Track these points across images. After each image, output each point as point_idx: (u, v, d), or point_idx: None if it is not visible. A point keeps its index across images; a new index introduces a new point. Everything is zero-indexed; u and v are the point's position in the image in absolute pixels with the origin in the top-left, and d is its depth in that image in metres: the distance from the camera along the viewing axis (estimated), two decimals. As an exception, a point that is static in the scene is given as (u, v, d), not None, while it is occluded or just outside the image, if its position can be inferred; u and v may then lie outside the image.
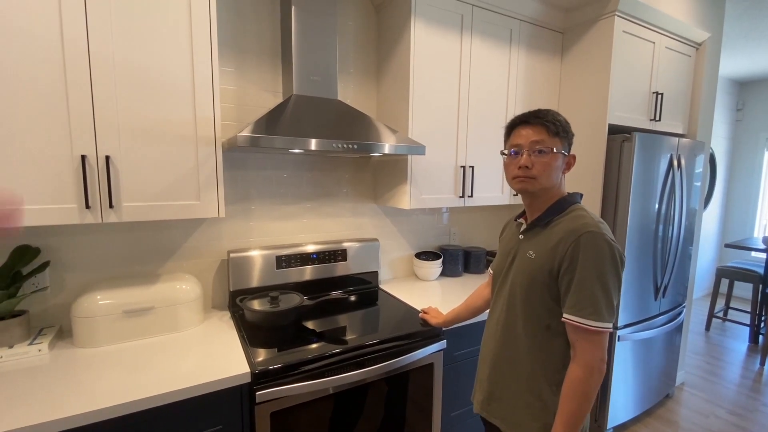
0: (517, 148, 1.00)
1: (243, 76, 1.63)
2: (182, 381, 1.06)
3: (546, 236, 0.98)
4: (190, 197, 1.28)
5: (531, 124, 0.98)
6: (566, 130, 0.99)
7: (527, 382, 1.00)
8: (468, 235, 2.39)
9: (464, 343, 1.59)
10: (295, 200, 1.80)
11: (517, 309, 1.01)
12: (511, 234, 1.12)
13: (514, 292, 1.02)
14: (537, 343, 0.98)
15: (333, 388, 1.25)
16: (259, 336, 1.36)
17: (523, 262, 1.01)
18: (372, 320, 1.52)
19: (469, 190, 1.89)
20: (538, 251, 0.97)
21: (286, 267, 1.69)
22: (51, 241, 1.35)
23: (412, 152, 1.52)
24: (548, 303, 0.96)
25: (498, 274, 1.12)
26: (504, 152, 1.06)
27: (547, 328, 0.97)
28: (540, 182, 0.97)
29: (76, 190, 1.12)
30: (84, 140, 1.11)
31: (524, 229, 1.05)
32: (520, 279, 1.00)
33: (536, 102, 2.09)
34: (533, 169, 0.96)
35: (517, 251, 1.05)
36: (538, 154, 0.96)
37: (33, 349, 1.20)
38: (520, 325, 1.01)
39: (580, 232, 0.90)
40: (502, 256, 1.12)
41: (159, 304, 1.35)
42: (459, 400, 1.62)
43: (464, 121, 1.84)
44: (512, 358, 1.03)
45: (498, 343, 1.07)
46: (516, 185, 1.01)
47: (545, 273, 0.94)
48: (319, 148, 1.33)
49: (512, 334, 1.03)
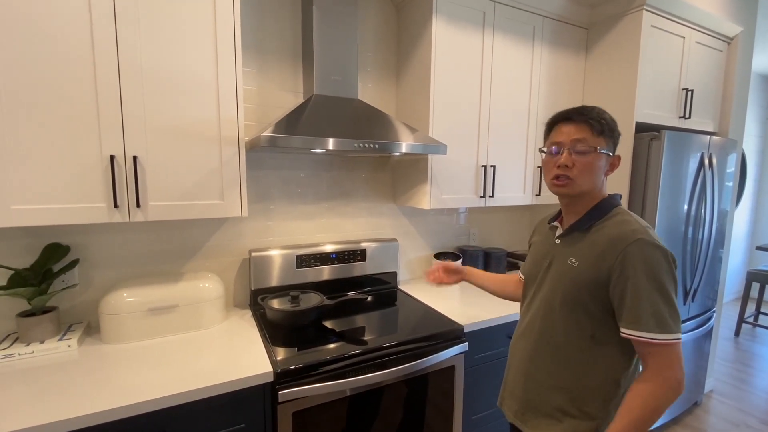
0: (557, 145, 0.94)
1: (264, 76, 1.64)
2: (207, 378, 1.07)
3: (589, 243, 0.91)
4: (214, 197, 1.29)
5: (574, 121, 0.92)
6: (612, 128, 0.92)
7: (568, 393, 0.94)
8: (488, 235, 2.36)
9: (486, 346, 1.57)
10: (314, 200, 1.80)
11: (557, 317, 0.95)
12: (545, 237, 1.06)
13: (553, 299, 0.96)
14: (579, 353, 0.92)
15: (354, 389, 1.24)
16: (280, 335, 1.36)
17: (563, 269, 0.94)
18: (392, 321, 1.51)
19: (490, 190, 1.85)
20: (582, 259, 0.91)
21: (305, 266, 1.69)
22: (80, 239, 1.38)
23: (434, 151, 1.50)
24: (594, 313, 0.90)
25: (531, 279, 1.06)
26: (543, 150, 0.99)
27: (591, 338, 0.91)
28: (578, 184, 0.91)
29: (104, 189, 1.14)
30: (113, 141, 1.13)
31: (561, 234, 0.99)
32: (561, 287, 0.94)
33: (560, 100, 2.04)
34: (573, 169, 0.91)
35: (554, 257, 0.99)
36: (579, 153, 0.90)
37: (63, 344, 1.23)
38: (559, 334, 0.95)
39: (629, 240, 0.84)
40: (535, 261, 1.06)
41: (183, 302, 1.36)
42: (480, 403, 1.60)
43: (486, 120, 1.81)
44: (550, 368, 0.96)
45: (533, 351, 1.00)
46: (554, 188, 0.95)
47: (591, 282, 0.88)
48: (341, 148, 1.32)
49: (550, 342, 0.97)
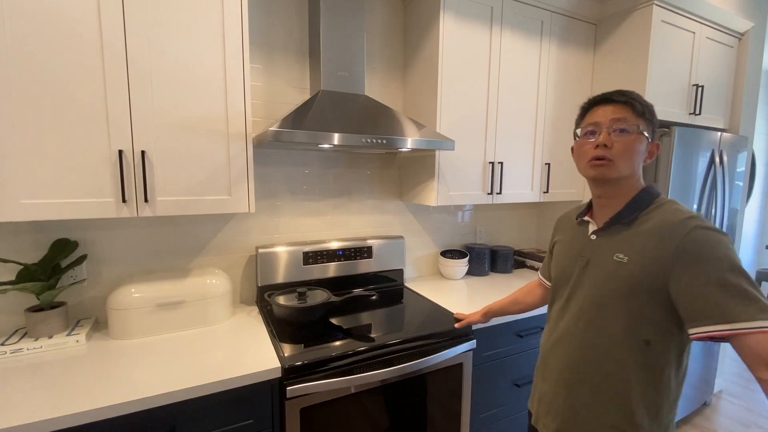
0: (594, 126, 0.87)
1: (271, 72, 1.63)
2: (215, 374, 1.06)
3: (636, 235, 0.84)
4: (222, 192, 1.29)
5: (614, 101, 0.86)
6: (652, 112, 0.87)
7: (618, 404, 0.85)
8: (495, 233, 2.34)
9: (494, 344, 1.55)
10: (321, 197, 1.80)
11: (605, 322, 0.86)
12: (575, 234, 0.99)
13: (599, 302, 0.87)
14: (633, 360, 0.83)
15: (362, 385, 1.24)
16: (288, 331, 1.35)
17: (608, 267, 0.86)
18: (399, 318, 1.50)
19: (498, 187, 1.84)
20: (632, 253, 0.83)
21: (312, 263, 1.69)
22: (88, 234, 1.38)
23: (442, 147, 1.49)
24: (652, 314, 0.81)
25: (563, 280, 0.98)
26: (577, 133, 0.93)
27: (646, 344, 0.82)
28: (618, 167, 0.84)
29: (113, 184, 1.14)
30: (121, 135, 1.13)
31: (598, 229, 0.91)
32: (609, 286, 0.85)
33: (568, 96, 2.02)
34: (612, 150, 0.84)
35: (591, 254, 0.91)
36: (619, 133, 0.84)
37: (71, 339, 1.23)
38: (606, 341, 0.86)
39: (689, 227, 0.76)
40: (566, 260, 0.98)
41: (190, 298, 1.36)
42: (488, 401, 1.58)
43: (493, 117, 1.80)
44: (597, 379, 0.87)
45: (577, 360, 0.91)
46: (591, 171, 0.87)
47: (647, 279, 0.80)
48: (349, 144, 1.31)
49: (596, 350, 0.87)
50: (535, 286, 1.30)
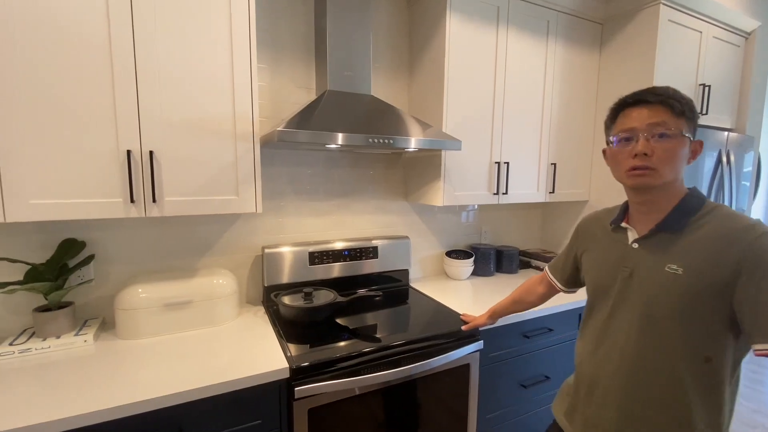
0: (628, 133, 0.81)
1: (276, 72, 1.63)
2: (222, 375, 1.06)
3: (691, 244, 0.78)
4: (229, 192, 1.29)
5: (649, 103, 0.79)
6: (692, 109, 0.80)
7: (679, 427, 0.79)
8: (499, 234, 2.34)
9: (500, 344, 1.55)
10: (326, 197, 1.79)
11: (661, 339, 0.79)
12: (611, 242, 0.93)
13: (652, 317, 0.80)
14: (692, 378, 0.77)
15: (370, 386, 1.23)
16: (294, 332, 1.35)
17: (661, 280, 0.79)
18: (406, 319, 1.49)
19: (504, 187, 1.83)
20: (688, 263, 0.77)
21: (318, 263, 1.69)
22: (95, 234, 1.38)
23: (449, 147, 1.49)
24: (712, 328, 0.75)
25: (602, 292, 0.92)
26: (610, 140, 0.86)
27: (706, 361, 0.76)
28: (662, 174, 0.78)
29: (121, 184, 1.14)
30: (129, 135, 1.13)
31: (641, 237, 0.85)
32: (661, 301, 0.79)
33: (574, 96, 2.02)
34: (653, 158, 0.78)
35: (636, 265, 0.85)
36: (659, 138, 0.77)
37: (79, 339, 1.23)
38: (663, 359, 0.79)
39: (756, 234, 0.71)
40: (604, 271, 0.92)
41: (197, 298, 1.36)
42: (495, 402, 1.58)
43: (499, 117, 1.79)
44: (654, 401, 0.81)
45: (629, 379, 0.84)
46: (632, 180, 0.81)
47: (708, 290, 0.74)
48: (356, 144, 1.31)
49: (652, 370, 0.81)
50: (535, 283, 1.27)
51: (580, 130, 2.08)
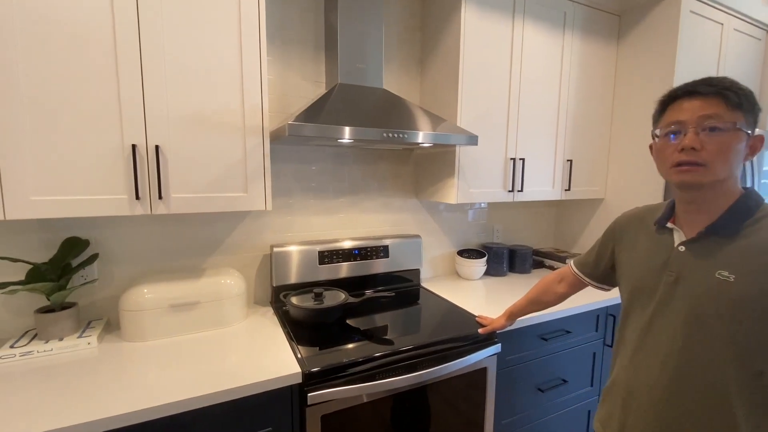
0: (677, 126, 0.75)
1: (285, 65, 1.58)
2: (232, 379, 1.01)
3: (745, 249, 0.72)
4: (238, 189, 1.24)
5: (701, 94, 0.73)
6: (751, 100, 0.73)
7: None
8: (512, 232, 2.28)
9: (517, 347, 1.49)
10: (335, 194, 1.74)
11: (708, 351, 0.74)
12: (655, 243, 0.87)
13: (698, 326, 0.75)
14: (745, 395, 0.72)
15: (385, 391, 1.18)
16: (305, 334, 1.30)
17: (707, 286, 0.74)
18: (420, 320, 1.44)
19: (519, 185, 1.78)
20: (741, 271, 0.71)
21: (328, 263, 1.64)
22: (99, 233, 1.34)
23: (465, 142, 1.43)
24: (766, 339, 0.71)
25: (643, 294, 0.86)
26: (656, 134, 0.81)
27: (758, 375, 0.71)
28: (713, 171, 0.72)
29: (126, 180, 1.09)
30: (134, 129, 1.08)
31: (688, 240, 0.79)
32: (709, 310, 0.74)
33: (591, 91, 1.95)
34: (703, 153, 0.72)
35: (681, 269, 0.79)
36: (710, 132, 0.71)
37: (82, 341, 1.19)
38: (710, 372, 0.74)
39: None
40: (646, 272, 0.86)
41: (204, 299, 1.31)
42: (511, 407, 1.52)
43: (515, 111, 1.73)
44: (697, 413, 0.75)
45: (669, 390, 0.78)
46: (677, 176, 0.75)
47: (764, 301, 0.69)
48: (369, 138, 1.25)
49: (697, 382, 0.75)
50: (553, 282, 1.22)
51: (597, 126, 2.01)
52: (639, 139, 1.92)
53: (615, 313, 1.76)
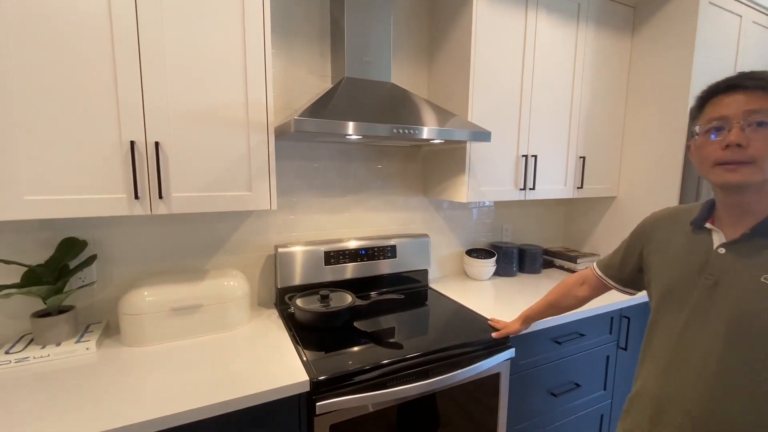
0: (720, 122, 0.70)
1: (289, 59, 1.52)
2: (237, 387, 0.96)
3: None
4: (242, 188, 1.19)
5: (745, 88, 0.68)
6: None
7: None
8: (521, 231, 2.22)
9: (530, 351, 1.44)
10: (341, 193, 1.69)
11: (756, 360, 0.69)
12: (691, 244, 0.81)
13: (741, 336, 0.71)
14: None
15: (397, 399, 1.13)
16: (312, 338, 1.25)
17: (753, 291, 0.70)
18: (431, 324, 1.39)
19: (531, 182, 1.72)
20: None
21: (333, 263, 1.58)
22: (97, 233, 1.28)
23: (479, 138, 1.37)
24: None
25: (676, 299, 0.81)
26: (695, 131, 0.76)
27: None
28: (762, 169, 0.67)
29: (124, 179, 1.04)
30: (133, 125, 1.03)
31: (729, 241, 0.75)
32: (757, 316, 0.69)
33: (604, 85, 1.89)
34: (750, 149, 0.67)
35: (721, 273, 0.74)
36: (757, 127, 0.67)
37: (81, 347, 1.14)
38: (756, 384, 0.69)
39: None
40: (680, 275, 0.81)
41: (207, 302, 1.26)
42: (523, 412, 1.48)
43: (527, 106, 1.67)
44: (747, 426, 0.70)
45: (707, 404, 0.73)
46: (721, 176, 0.71)
47: None
48: (381, 134, 1.20)
49: (740, 393, 0.70)
50: (574, 285, 1.16)
51: (610, 122, 1.95)
52: (653, 136, 1.86)
53: (629, 315, 1.71)
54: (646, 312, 1.79)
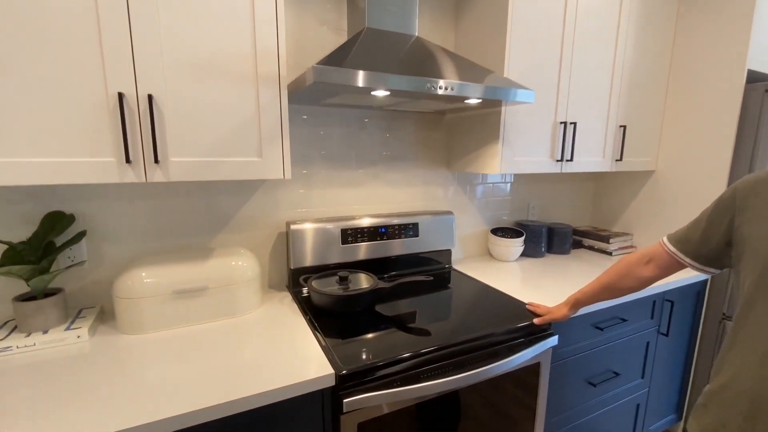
0: None
1: (301, 9, 1.33)
2: (249, 382, 0.82)
3: None
4: (251, 153, 1.02)
5: None
6: None
7: None
8: (548, 209, 2.06)
9: (570, 338, 1.31)
10: (357, 165, 1.52)
11: None
12: None
13: None
14: None
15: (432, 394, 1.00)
16: (332, 324, 1.11)
17: None
18: (461, 309, 1.25)
19: (568, 153, 1.55)
20: None
21: (352, 242, 1.43)
22: (86, 207, 1.13)
23: (521, 98, 1.19)
24: None
25: None
26: None
27: None
28: None
29: (113, 139, 0.87)
30: (121, 74, 0.86)
31: None
32: None
33: (648, 41, 1.69)
34: None
35: None
36: None
37: (71, 335, 1.00)
38: None
39: None
40: None
41: (213, 284, 1.12)
42: (561, 402, 1.35)
43: (567, 65, 1.48)
44: None
45: None
46: None
47: None
48: (412, 89, 1.03)
49: None
50: (636, 264, 1.00)
51: (653, 88, 1.76)
52: (701, 106, 1.67)
53: (673, 298, 1.57)
54: (690, 295, 1.64)
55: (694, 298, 1.67)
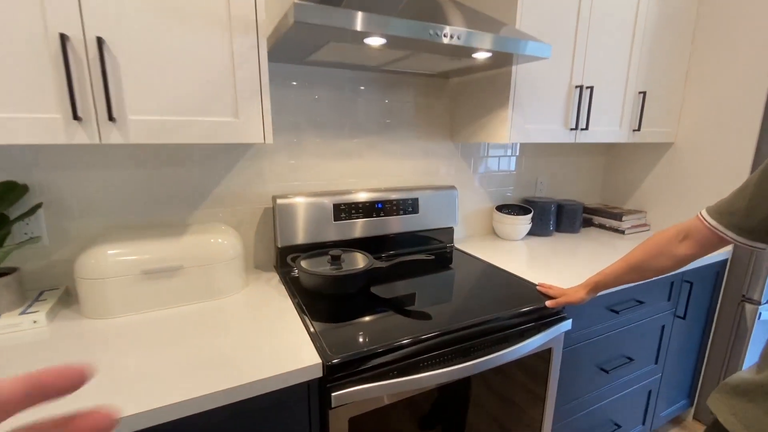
0: None
1: (286, -48, 1.17)
2: (229, 373, 0.71)
3: None
4: (225, 112, 0.89)
5: None
6: None
7: None
8: (556, 185, 1.93)
9: (584, 321, 1.20)
10: (351, 134, 1.38)
11: None
12: None
13: None
14: None
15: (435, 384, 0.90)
16: (322, 307, 1.00)
17: None
18: (465, 292, 1.14)
19: (583, 121, 1.41)
20: None
21: (346, 219, 1.31)
22: (41, 176, 1.00)
23: (536, 53, 1.04)
24: None
25: None
26: None
27: None
28: None
29: (57, 91, 0.73)
30: (62, 10, 0.71)
31: None
32: None
33: (671, 3, 1.53)
34: None
35: None
36: None
37: (26, 319, 0.88)
38: None
39: None
40: None
41: (189, 263, 1.00)
42: (571, 389, 1.26)
43: (585, 21, 1.33)
44: None
45: None
46: None
47: None
48: (413, 36, 0.88)
49: None
50: (672, 240, 0.87)
51: (677, 53, 1.61)
52: (727, 76, 1.52)
53: (692, 279, 1.46)
54: (709, 276, 1.54)
55: (713, 278, 1.56)
